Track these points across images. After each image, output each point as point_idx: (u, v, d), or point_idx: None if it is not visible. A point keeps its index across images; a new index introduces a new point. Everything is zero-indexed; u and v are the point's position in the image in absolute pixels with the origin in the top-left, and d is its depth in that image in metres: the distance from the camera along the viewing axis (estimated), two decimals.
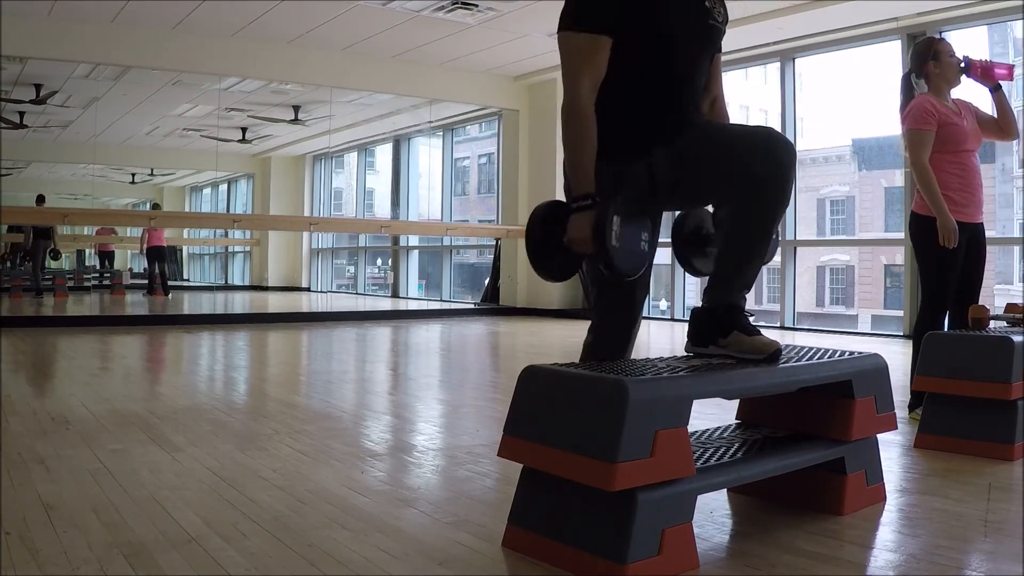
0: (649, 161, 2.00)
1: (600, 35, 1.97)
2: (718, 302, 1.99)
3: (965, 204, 3.42)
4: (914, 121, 3.42)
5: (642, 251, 1.96)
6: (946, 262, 3.39)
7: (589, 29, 1.97)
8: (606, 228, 1.86)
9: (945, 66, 3.46)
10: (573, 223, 1.93)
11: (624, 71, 2.00)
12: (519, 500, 1.90)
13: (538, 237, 2.00)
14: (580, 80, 1.97)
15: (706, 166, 1.96)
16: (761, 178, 1.87)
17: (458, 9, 7.73)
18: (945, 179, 3.40)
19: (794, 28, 7.74)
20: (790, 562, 1.81)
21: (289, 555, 1.83)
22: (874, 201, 15.62)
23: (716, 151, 1.95)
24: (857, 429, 2.14)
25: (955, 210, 3.39)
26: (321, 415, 3.70)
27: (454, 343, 7.49)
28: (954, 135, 3.39)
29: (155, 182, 16.90)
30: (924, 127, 3.39)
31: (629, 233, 1.91)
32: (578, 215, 1.93)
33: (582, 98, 1.97)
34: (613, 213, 1.88)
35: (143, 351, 6.45)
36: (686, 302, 9.58)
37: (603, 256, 1.88)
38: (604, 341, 2.19)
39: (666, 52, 2.01)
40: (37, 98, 10.25)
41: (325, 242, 15.83)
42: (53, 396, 4.17)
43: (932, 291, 3.43)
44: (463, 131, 13.61)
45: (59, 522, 2.00)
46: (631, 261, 1.94)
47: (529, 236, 2.01)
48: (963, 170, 3.42)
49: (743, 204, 1.92)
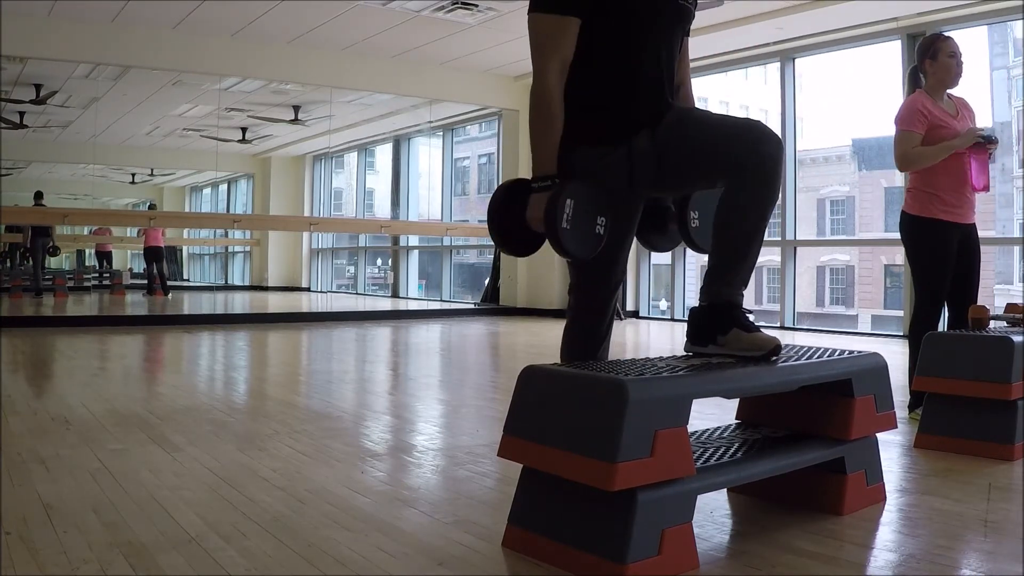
0: (629, 147, 1.99)
1: (568, 16, 1.98)
2: (716, 300, 1.99)
3: (957, 205, 3.41)
4: (902, 121, 3.42)
5: (596, 235, 1.97)
6: (938, 258, 3.38)
7: (556, 10, 1.98)
8: (556, 211, 1.89)
9: (941, 66, 3.42)
10: (532, 202, 1.97)
11: (594, 53, 2.00)
12: (519, 500, 1.90)
13: (499, 214, 2.04)
14: (548, 62, 1.98)
15: (692, 157, 1.97)
16: (753, 171, 1.87)
17: (458, 9, 7.73)
18: (936, 180, 3.39)
19: (794, 28, 7.73)
20: (790, 562, 1.81)
21: (289, 555, 1.83)
22: (874, 201, 15.63)
23: (703, 141, 1.96)
24: (857, 428, 2.14)
25: (946, 211, 3.40)
26: (321, 415, 3.70)
27: (454, 343, 7.50)
28: (945, 137, 3.36)
29: (155, 182, 16.90)
30: (911, 128, 3.38)
31: (583, 216, 1.92)
32: (538, 195, 1.96)
33: (549, 80, 1.98)
34: (567, 196, 1.90)
35: (143, 351, 6.45)
36: (686, 302, 9.58)
37: (553, 238, 1.91)
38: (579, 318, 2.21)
39: (636, 32, 2.01)
40: (37, 98, 10.25)
41: (325, 242, 15.83)
42: (53, 396, 4.17)
43: (927, 289, 3.43)
44: (463, 131, 13.61)
45: (59, 522, 2.00)
46: (583, 244, 1.95)
47: (491, 213, 2.05)
48: (954, 171, 3.39)
49: (735, 198, 1.92)
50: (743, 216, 1.93)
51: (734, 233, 1.95)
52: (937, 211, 3.40)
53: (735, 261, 1.97)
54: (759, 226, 1.95)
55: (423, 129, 12.86)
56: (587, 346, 2.19)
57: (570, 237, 1.91)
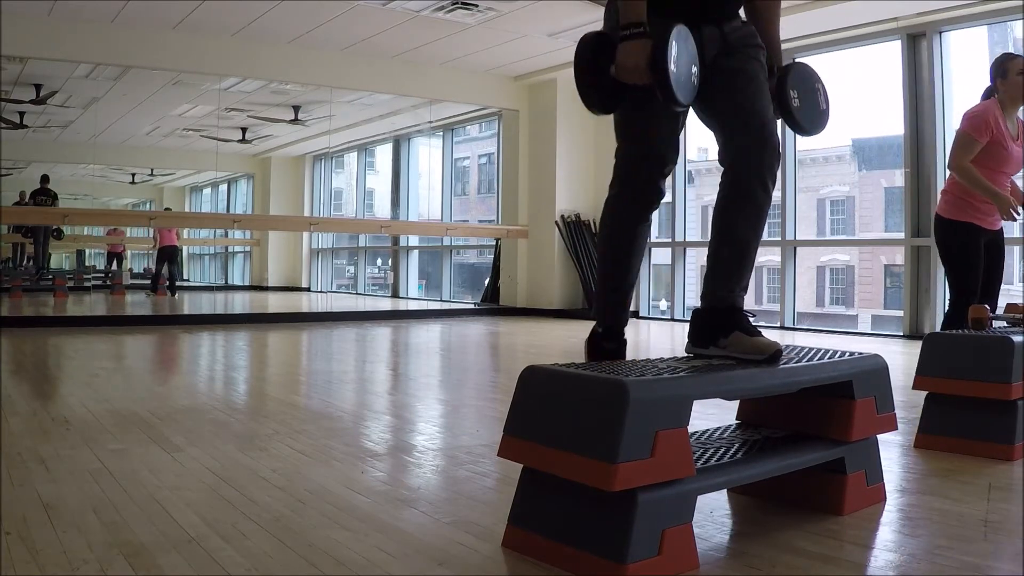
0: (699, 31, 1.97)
1: None
2: (718, 303, 1.99)
3: (988, 213, 3.61)
4: (969, 125, 3.55)
5: (692, 84, 1.91)
6: (971, 261, 3.58)
7: None
8: (664, 53, 1.82)
9: (1011, 84, 3.55)
10: (624, 50, 1.88)
11: None
12: (519, 500, 1.90)
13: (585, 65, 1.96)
14: None
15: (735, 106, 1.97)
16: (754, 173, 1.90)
17: (458, 9, 7.73)
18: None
19: (794, 28, 7.73)
20: (790, 562, 1.81)
21: (289, 555, 1.83)
22: (874, 201, 15.63)
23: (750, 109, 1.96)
24: (857, 430, 2.14)
25: (978, 217, 3.60)
26: (321, 415, 3.70)
27: (454, 343, 7.49)
28: (998, 156, 3.53)
29: (155, 182, 16.87)
30: (977, 136, 3.50)
31: (683, 62, 1.87)
32: (629, 43, 1.88)
33: None
34: (672, 38, 1.83)
35: (143, 351, 6.45)
36: (686, 302, 9.59)
37: (662, 82, 1.83)
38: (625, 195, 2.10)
39: None
40: (37, 98, 10.25)
41: (325, 242, 15.82)
42: (53, 396, 4.17)
43: (961, 290, 3.60)
44: (463, 131, 13.60)
45: (59, 522, 2.00)
46: (686, 90, 1.90)
47: (577, 64, 1.97)
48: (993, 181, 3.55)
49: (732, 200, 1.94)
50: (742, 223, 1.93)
51: (732, 236, 1.95)
52: (971, 216, 3.60)
53: (734, 263, 1.97)
54: (756, 226, 1.95)
55: (423, 129, 12.86)
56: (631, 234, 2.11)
57: (677, 80, 1.85)
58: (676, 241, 9.52)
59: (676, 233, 9.51)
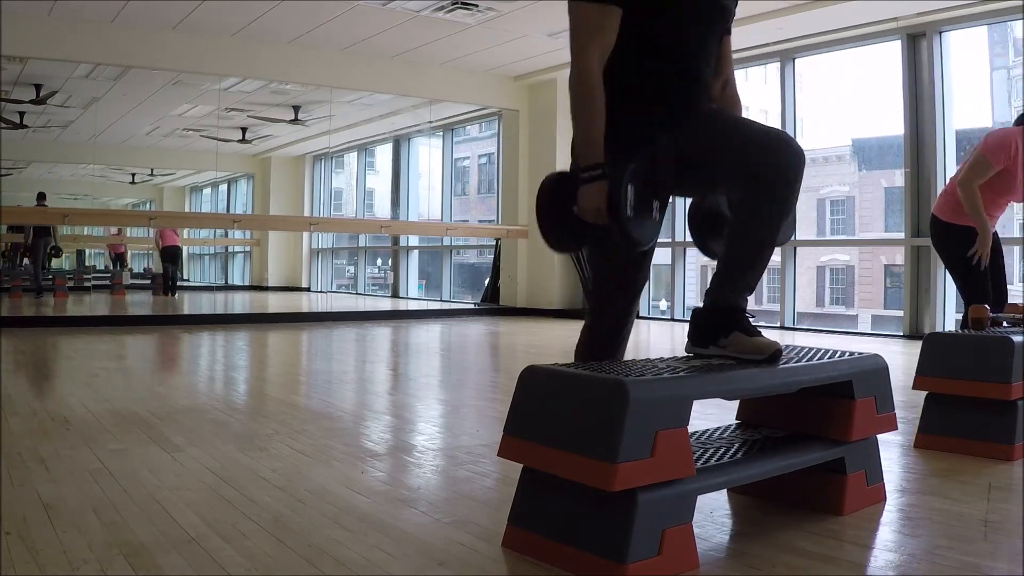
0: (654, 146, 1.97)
1: (610, 5, 1.95)
2: (719, 303, 1.99)
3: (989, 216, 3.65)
4: (988, 148, 3.55)
5: (654, 220, 1.93)
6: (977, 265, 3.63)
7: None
8: (620, 196, 1.84)
9: None
10: (583, 193, 1.91)
11: (630, 46, 1.98)
12: (519, 500, 1.90)
13: (547, 208, 1.99)
14: (588, 50, 1.95)
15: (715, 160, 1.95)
16: (770, 182, 1.86)
17: (458, 9, 7.73)
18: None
19: (794, 28, 7.74)
20: (790, 562, 1.81)
21: (289, 555, 1.83)
22: (874, 201, 15.62)
23: (726, 146, 1.93)
24: (857, 430, 2.14)
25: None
26: (321, 415, 3.70)
27: (454, 343, 7.49)
28: (1006, 182, 3.58)
29: (155, 182, 16.89)
30: (992, 161, 3.52)
31: (642, 202, 1.89)
32: (588, 185, 1.91)
33: (590, 68, 1.94)
34: (627, 181, 1.86)
35: (143, 351, 6.45)
36: (686, 302, 9.59)
37: (618, 224, 1.86)
38: (598, 336, 2.17)
39: (674, 27, 1.99)
40: (37, 98, 10.25)
41: (325, 242, 15.83)
42: (53, 396, 4.17)
43: (974, 293, 3.64)
44: (463, 131, 13.61)
45: (59, 522, 2.00)
46: (645, 230, 1.92)
47: (539, 207, 1.99)
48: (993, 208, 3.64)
49: (749, 207, 1.90)
50: (756, 226, 1.91)
51: (744, 239, 1.94)
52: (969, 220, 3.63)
53: (744, 269, 1.96)
54: (771, 236, 1.92)
55: (423, 129, 12.87)
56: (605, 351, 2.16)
57: (635, 223, 1.88)
58: (676, 241, 9.52)
59: (676, 233, 9.51)
